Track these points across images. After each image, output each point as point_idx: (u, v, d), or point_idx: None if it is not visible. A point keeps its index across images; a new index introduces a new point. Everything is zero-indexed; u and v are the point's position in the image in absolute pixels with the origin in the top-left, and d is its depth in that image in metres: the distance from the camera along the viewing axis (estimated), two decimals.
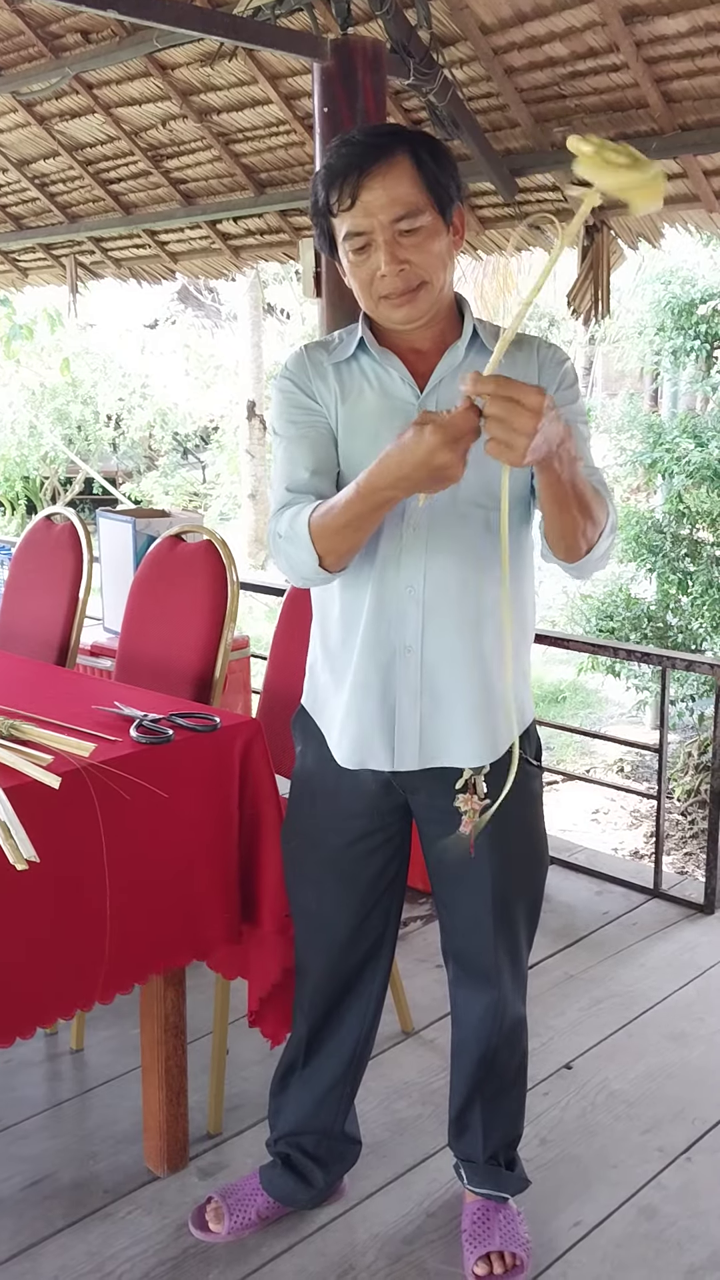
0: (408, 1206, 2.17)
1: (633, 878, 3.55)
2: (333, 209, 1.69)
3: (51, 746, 1.96)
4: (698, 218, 4.11)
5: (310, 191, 1.75)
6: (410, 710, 1.81)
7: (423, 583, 1.77)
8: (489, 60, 3.94)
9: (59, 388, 14.28)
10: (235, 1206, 2.09)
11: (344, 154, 1.68)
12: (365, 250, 1.68)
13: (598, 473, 1.82)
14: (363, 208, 1.66)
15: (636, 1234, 2.10)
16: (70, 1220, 2.13)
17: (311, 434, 1.80)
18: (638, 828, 7.22)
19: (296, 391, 1.81)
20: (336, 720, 1.86)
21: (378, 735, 1.83)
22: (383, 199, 1.65)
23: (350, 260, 1.71)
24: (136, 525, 3.78)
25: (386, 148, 1.67)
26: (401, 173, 1.66)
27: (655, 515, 7.91)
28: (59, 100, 5.24)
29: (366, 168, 1.65)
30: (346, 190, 1.66)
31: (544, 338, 1.89)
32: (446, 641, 1.78)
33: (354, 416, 1.79)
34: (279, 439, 1.83)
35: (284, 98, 4.55)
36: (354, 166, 1.66)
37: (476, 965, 1.97)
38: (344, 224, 1.68)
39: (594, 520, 1.69)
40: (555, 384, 1.79)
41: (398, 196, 1.65)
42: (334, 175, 1.68)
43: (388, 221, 1.66)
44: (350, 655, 1.83)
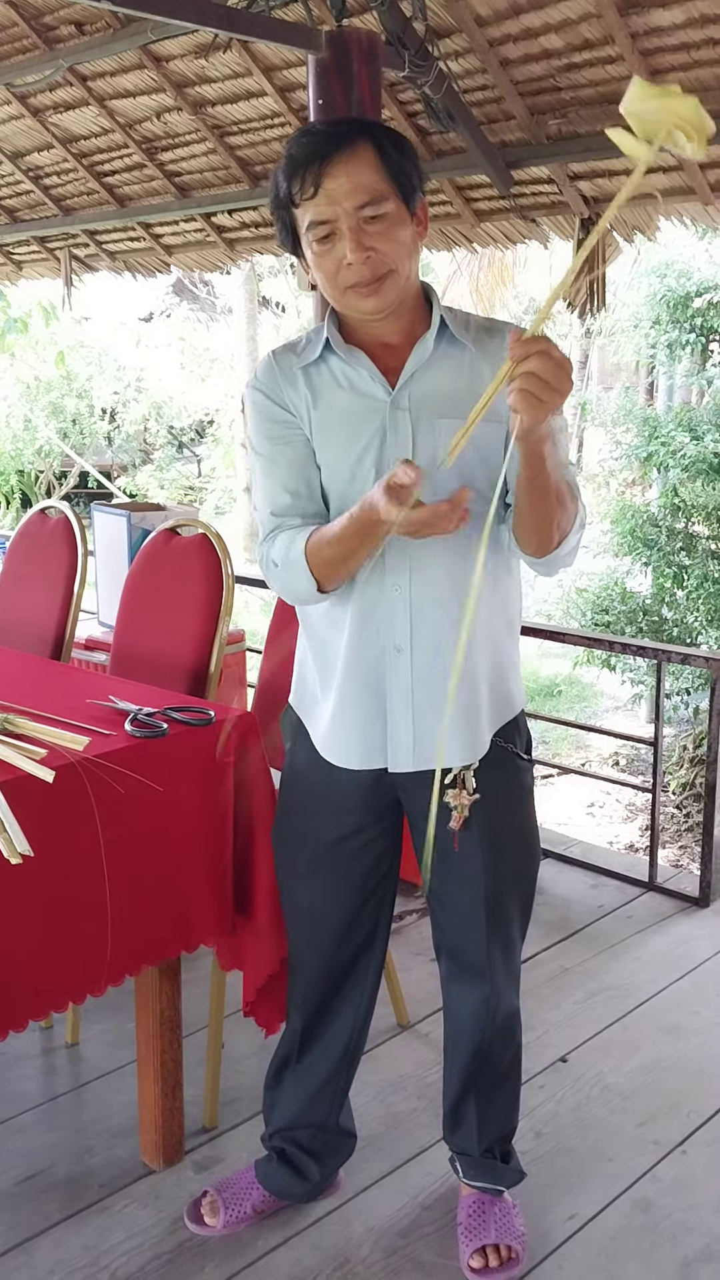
0: (403, 1200, 2.17)
1: (628, 871, 3.55)
2: (295, 199, 1.67)
3: (46, 740, 1.95)
4: (693, 210, 4.10)
5: (270, 186, 1.73)
6: (403, 711, 1.80)
7: (409, 582, 1.76)
8: (484, 52, 3.93)
9: (54, 381, 14.24)
10: (231, 1200, 2.09)
11: (305, 143, 1.67)
12: (329, 240, 1.66)
13: (570, 468, 1.82)
14: (326, 195, 1.64)
15: (631, 1227, 2.10)
16: (66, 1214, 2.13)
17: (289, 451, 1.79)
18: (633, 821, 7.23)
19: (269, 403, 1.80)
20: (325, 719, 1.86)
21: (371, 736, 1.82)
22: (346, 186, 1.64)
23: (314, 251, 1.69)
24: (131, 519, 3.78)
25: (348, 136, 1.66)
26: (364, 160, 1.65)
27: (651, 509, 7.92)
28: (53, 92, 5.22)
29: (329, 155, 1.64)
30: (309, 179, 1.64)
31: (517, 324, 1.87)
32: (436, 640, 1.78)
33: (327, 420, 1.78)
34: (257, 457, 1.82)
35: (279, 90, 4.54)
36: (316, 155, 1.64)
37: (469, 960, 1.96)
38: (307, 214, 1.67)
39: (566, 512, 1.70)
40: None
41: (361, 183, 1.64)
42: (296, 165, 1.66)
43: (352, 209, 1.64)
44: (338, 655, 1.82)
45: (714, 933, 3.19)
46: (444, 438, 1.72)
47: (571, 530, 1.73)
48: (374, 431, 1.75)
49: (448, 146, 4.32)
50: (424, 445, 1.73)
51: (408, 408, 1.74)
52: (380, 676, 1.80)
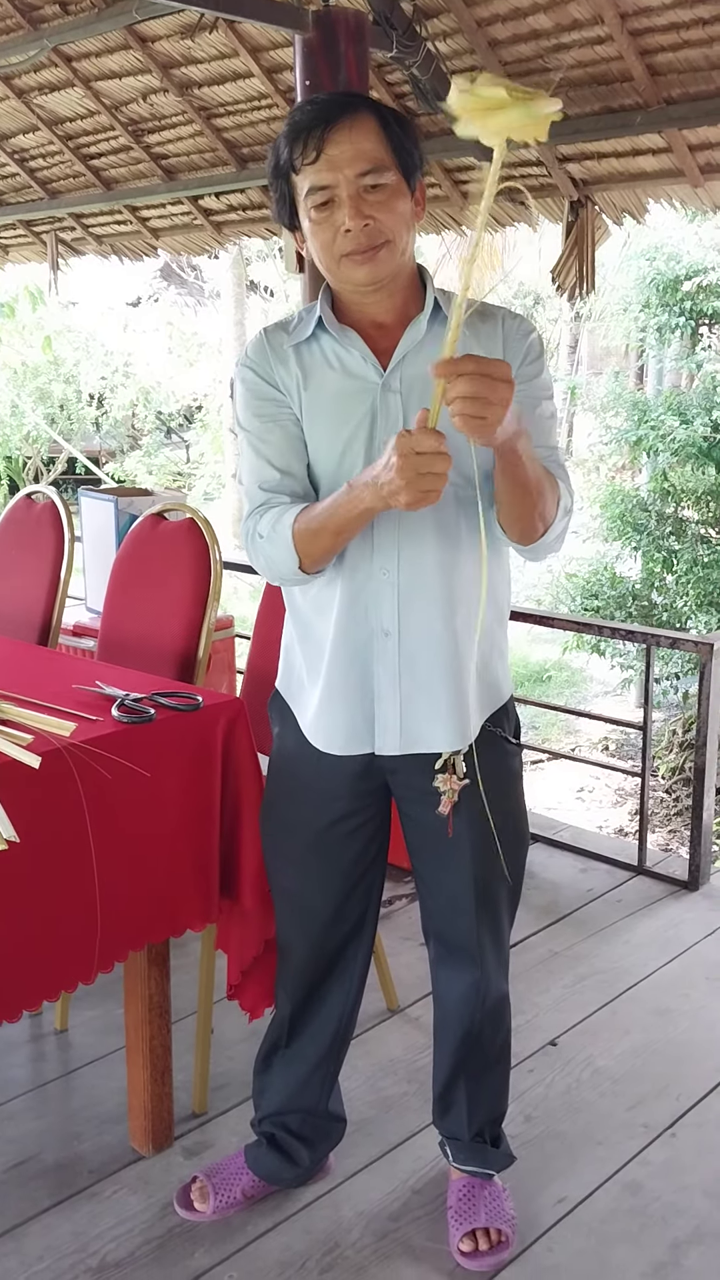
0: (393, 1184, 2.17)
1: (617, 855, 3.55)
2: (295, 165, 1.65)
3: (32, 726, 1.94)
4: (683, 193, 4.09)
5: (270, 154, 1.71)
6: (391, 695, 1.79)
7: (397, 565, 1.75)
8: (473, 33, 3.90)
9: (41, 366, 14.18)
10: (220, 1185, 2.09)
11: (309, 110, 1.66)
12: (328, 207, 1.65)
13: (557, 452, 1.81)
14: (327, 161, 1.63)
15: (621, 1209, 2.11)
16: (55, 1200, 2.13)
17: (277, 430, 1.77)
18: (622, 805, 7.25)
19: (260, 381, 1.78)
20: (312, 705, 1.85)
21: (358, 720, 1.81)
22: (349, 152, 1.62)
23: (312, 219, 1.67)
24: (118, 504, 3.76)
25: (352, 105, 1.65)
26: (368, 129, 1.64)
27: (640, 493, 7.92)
28: (37, 73, 5.17)
29: (333, 120, 1.63)
30: (311, 144, 1.63)
31: (509, 309, 1.86)
32: (424, 624, 1.77)
33: (318, 400, 1.76)
34: (245, 433, 1.80)
35: (266, 71, 4.50)
36: (320, 120, 1.63)
37: (458, 944, 1.96)
38: (307, 180, 1.65)
39: (550, 502, 1.69)
40: (521, 357, 1.76)
41: (363, 151, 1.63)
42: (298, 130, 1.65)
43: (353, 175, 1.63)
44: (325, 640, 1.81)
45: (703, 916, 3.20)
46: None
47: (556, 518, 1.72)
48: (364, 413, 1.73)
49: (436, 128, 4.29)
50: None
51: (399, 390, 1.73)
52: (368, 661, 1.79)
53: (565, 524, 1.76)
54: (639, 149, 3.99)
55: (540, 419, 1.77)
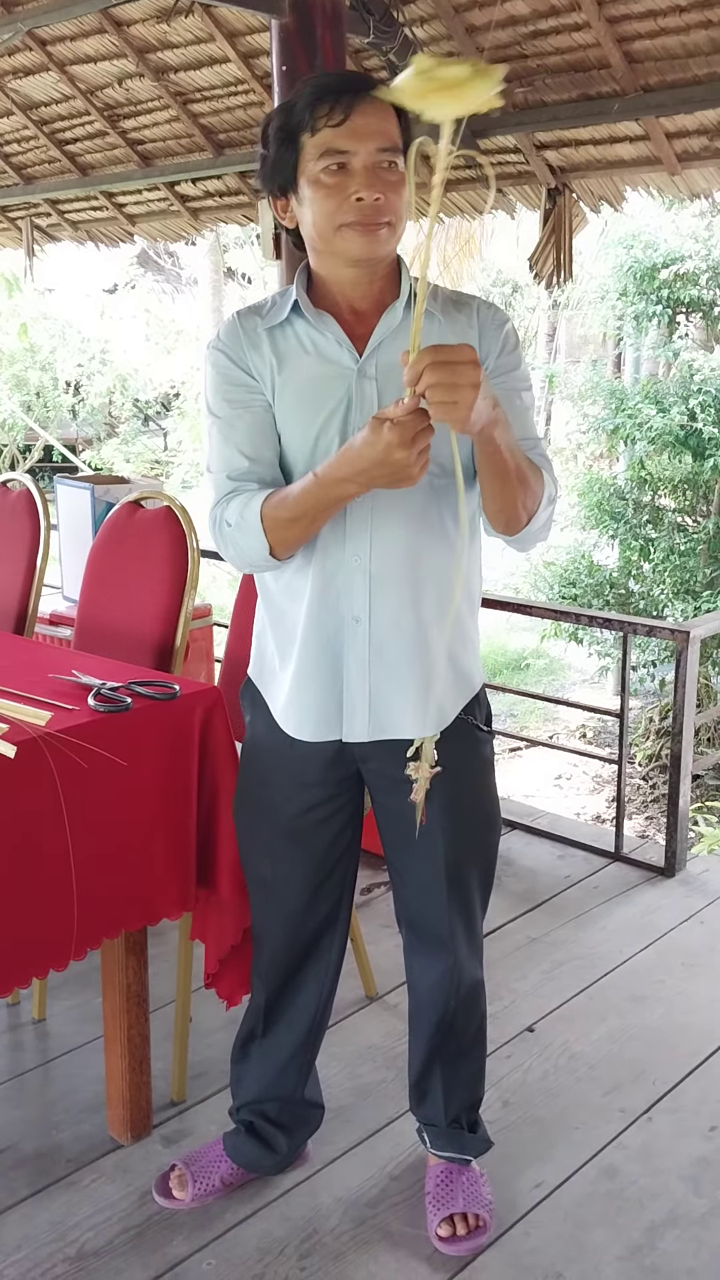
0: (371, 1170, 2.18)
1: (594, 842, 3.57)
2: (315, 125, 1.62)
3: (8, 716, 1.93)
4: (660, 181, 4.10)
5: (277, 114, 1.67)
6: (359, 682, 1.79)
7: (369, 552, 1.74)
8: (450, 18, 3.89)
9: (16, 353, 14.09)
10: (199, 1173, 2.09)
11: (335, 77, 1.65)
12: (341, 172, 1.62)
13: (540, 443, 1.81)
14: (352, 128, 1.61)
15: (598, 1193, 2.12)
16: (33, 1189, 2.13)
17: (247, 416, 1.75)
18: (600, 792, 7.28)
19: (231, 366, 1.77)
20: (283, 691, 1.85)
21: (328, 707, 1.81)
22: (375, 126, 1.62)
23: (322, 181, 1.63)
24: (95, 492, 3.74)
25: (376, 86, 1.63)
26: (389, 113, 1.64)
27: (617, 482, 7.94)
28: (11, 57, 5.13)
29: (362, 92, 1.62)
30: (340, 107, 1.61)
31: (483, 298, 1.85)
32: (395, 611, 1.77)
33: (291, 385, 1.74)
34: (214, 419, 1.78)
35: (242, 56, 4.48)
36: (349, 88, 1.62)
37: (430, 931, 1.97)
38: (325, 141, 1.62)
39: (532, 491, 1.69)
40: (497, 349, 1.76)
41: (386, 130, 1.63)
42: (326, 91, 1.62)
43: (374, 149, 1.62)
44: (297, 626, 1.81)
45: (679, 902, 3.22)
46: None
47: (540, 507, 1.72)
48: (340, 399, 1.72)
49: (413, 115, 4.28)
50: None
51: (374, 376, 1.72)
52: (338, 647, 1.79)
53: (550, 513, 1.76)
54: (616, 136, 4.00)
55: (520, 410, 1.77)
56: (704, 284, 7.93)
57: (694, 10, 3.49)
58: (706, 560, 7.41)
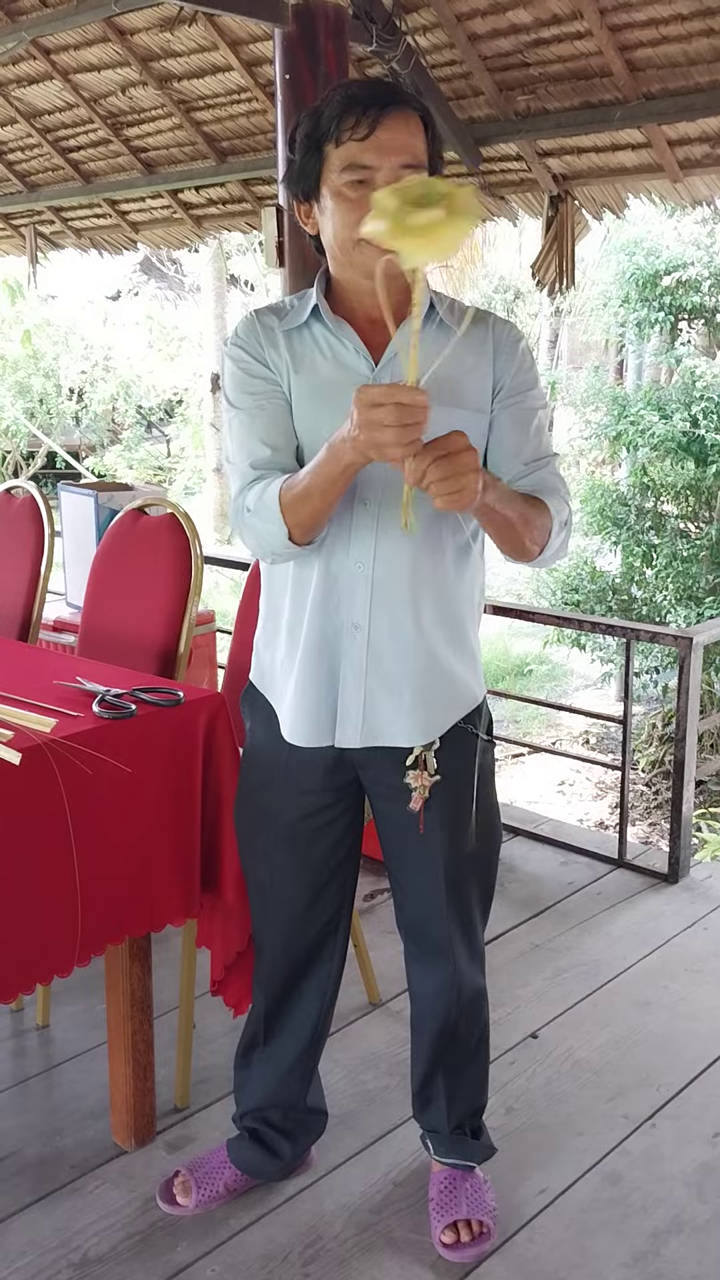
0: (375, 1176, 2.18)
1: (597, 848, 3.57)
2: (340, 137, 1.63)
3: (12, 723, 1.93)
4: (662, 188, 4.11)
5: (305, 120, 1.68)
6: (355, 688, 1.79)
7: (372, 560, 1.75)
8: (452, 27, 3.90)
9: (20, 360, 14.12)
10: (203, 1179, 2.09)
11: (364, 87, 1.64)
12: (363, 187, 1.62)
13: (554, 461, 1.82)
14: (377, 143, 1.61)
15: (602, 1199, 2.12)
16: (37, 1196, 2.13)
17: (269, 406, 1.76)
18: (603, 799, 7.28)
19: (249, 360, 1.78)
20: (286, 696, 1.85)
21: (323, 712, 1.81)
22: (400, 141, 1.62)
23: (343, 193, 1.64)
24: (98, 499, 3.74)
25: (406, 100, 1.65)
26: (417, 127, 1.64)
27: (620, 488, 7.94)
28: (16, 66, 5.15)
29: (389, 106, 1.62)
30: (366, 121, 1.61)
31: (496, 314, 1.86)
32: (394, 620, 1.77)
33: (307, 388, 1.75)
34: (235, 411, 1.79)
35: (245, 64, 4.50)
36: (377, 101, 1.62)
37: (430, 940, 1.97)
38: (349, 154, 1.63)
39: (537, 527, 1.72)
40: (513, 368, 1.78)
41: (411, 146, 1.63)
42: (354, 103, 1.62)
43: (397, 164, 1.62)
44: (299, 631, 1.81)
45: (682, 909, 3.22)
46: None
47: (552, 534, 1.74)
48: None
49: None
50: None
51: None
52: (337, 653, 1.79)
53: (564, 536, 1.78)
54: (618, 144, 4.01)
55: (536, 430, 1.79)
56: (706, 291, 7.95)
57: (696, 18, 3.50)
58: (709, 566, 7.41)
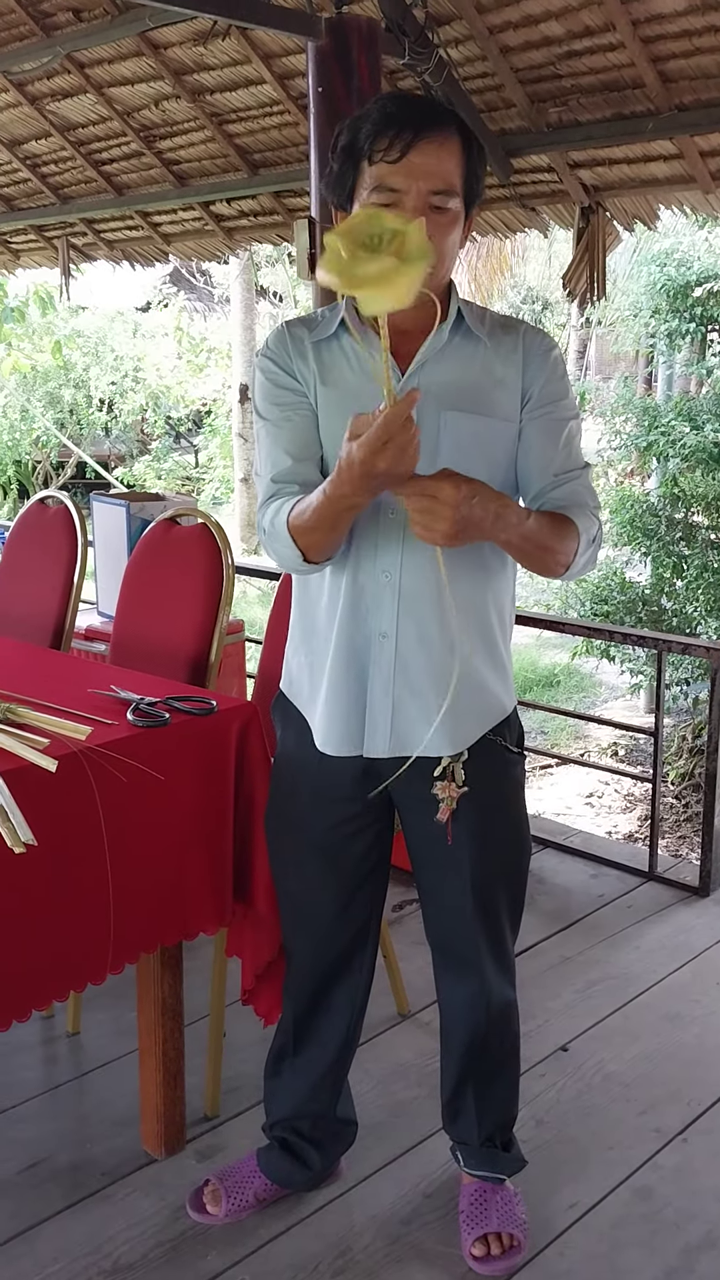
0: (405, 1188, 2.17)
1: (628, 861, 3.55)
2: (373, 156, 1.63)
3: (48, 730, 1.95)
4: (694, 199, 4.10)
5: (345, 130, 1.68)
6: (383, 697, 1.80)
7: (399, 570, 1.76)
8: (484, 39, 3.91)
9: (51, 371, 14.21)
10: (233, 1189, 2.09)
11: (404, 107, 1.64)
12: (391, 208, 1.63)
13: (585, 473, 1.81)
14: (408, 167, 1.61)
15: (633, 1214, 2.11)
16: (68, 1203, 2.13)
17: (295, 418, 1.78)
18: (632, 811, 7.23)
19: (278, 371, 1.79)
20: (318, 705, 1.85)
21: (352, 721, 1.82)
22: (431, 166, 1.62)
23: None
24: (130, 509, 3.77)
25: (444, 120, 1.64)
26: (452, 150, 1.64)
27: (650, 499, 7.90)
28: (50, 80, 5.20)
29: (425, 129, 1.61)
30: (399, 144, 1.61)
31: (529, 322, 1.86)
32: (421, 629, 1.77)
33: (334, 398, 1.76)
34: (263, 423, 1.81)
35: (278, 77, 4.52)
36: (412, 123, 1.61)
37: (458, 952, 1.96)
38: (379, 175, 1.63)
39: (560, 551, 1.73)
40: (543, 378, 1.78)
41: (443, 171, 1.63)
42: (390, 122, 1.62)
43: (427, 190, 1.62)
44: (328, 640, 1.82)
45: (713, 922, 3.20)
46: (450, 430, 1.72)
47: (579, 552, 1.75)
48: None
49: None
50: (427, 435, 1.72)
51: None
52: (365, 662, 1.79)
53: (592, 552, 1.78)
54: (650, 155, 4.00)
55: (567, 441, 1.79)
56: None
57: None
58: None
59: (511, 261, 13.36)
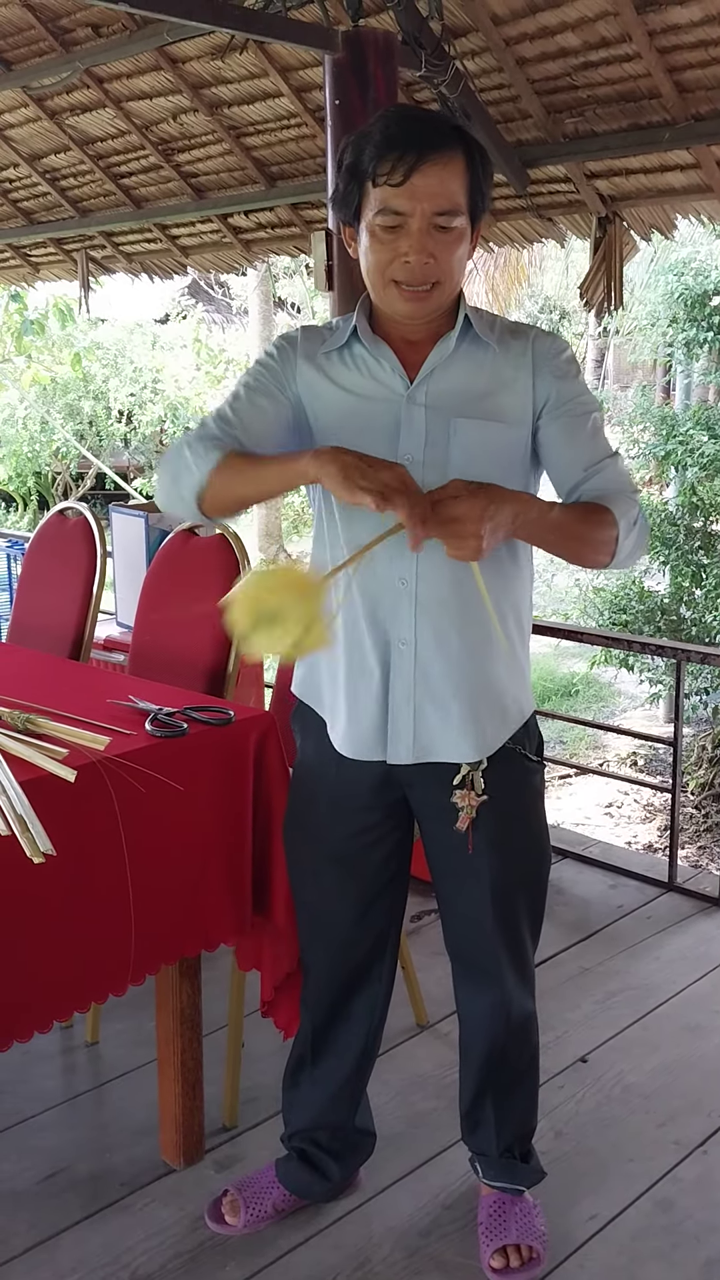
0: (424, 1199, 2.17)
1: (647, 871, 3.54)
2: (376, 178, 1.63)
3: (67, 740, 1.96)
4: (711, 208, 4.09)
5: (349, 149, 1.68)
6: (404, 704, 1.80)
7: (414, 576, 1.76)
8: (500, 51, 3.92)
9: (70, 383, 14.28)
10: (251, 1199, 2.09)
11: (406, 128, 1.63)
12: (394, 231, 1.64)
13: (616, 461, 1.80)
14: (411, 190, 1.62)
15: (653, 1227, 2.10)
16: (87, 1212, 2.14)
17: (262, 404, 1.79)
18: (651, 821, 7.21)
19: (275, 367, 1.81)
20: (340, 711, 1.85)
21: (374, 727, 1.82)
22: (435, 188, 1.62)
23: (376, 236, 1.66)
24: (149, 520, 3.78)
25: (449, 139, 1.64)
26: (456, 170, 1.64)
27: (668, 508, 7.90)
28: (69, 94, 5.24)
29: (428, 152, 1.61)
30: (402, 167, 1.61)
31: (540, 327, 1.87)
32: (440, 636, 1.77)
33: (341, 405, 1.77)
34: (244, 377, 1.82)
35: (295, 90, 4.54)
36: (415, 145, 1.61)
37: (477, 963, 1.96)
38: (383, 198, 1.64)
39: (597, 540, 1.72)
40: (557, 379, 1.78)
41: (447, 192, 1.63)
42: (392, 145, 1.62)
43: (430, 211, 1.63)
44: (349, 648, 1.81)
45: None
46: (459, 437, 1.72)
47: (620, 540, 1.73)
48: (388, 424, 1.74)
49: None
50: (436, 442, 1.73)
51: (424, 404, 1.74)
52: (386, 669, 1.80)
53: (635, 535, 1.76)
54: (667, 165, 4.00)
55: (590, 434, 1.79)
56: None
57: None
58: None
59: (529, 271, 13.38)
